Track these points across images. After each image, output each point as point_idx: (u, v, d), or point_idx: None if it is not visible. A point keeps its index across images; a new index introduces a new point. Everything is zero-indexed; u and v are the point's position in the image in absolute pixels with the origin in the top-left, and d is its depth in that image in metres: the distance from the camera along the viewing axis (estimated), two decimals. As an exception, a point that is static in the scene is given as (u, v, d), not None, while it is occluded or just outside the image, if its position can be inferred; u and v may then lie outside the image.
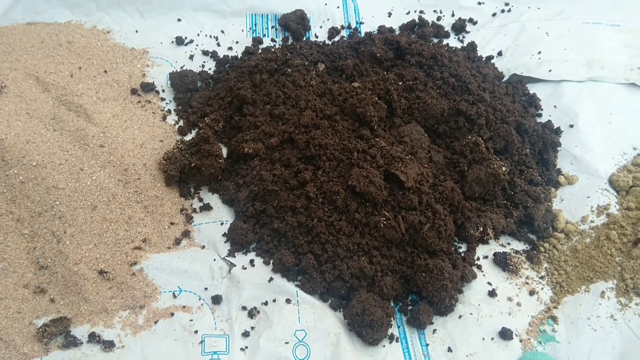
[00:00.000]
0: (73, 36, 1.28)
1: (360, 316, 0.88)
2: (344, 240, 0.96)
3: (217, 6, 1.40)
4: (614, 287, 0.96)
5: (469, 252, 1.01)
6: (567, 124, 1.21)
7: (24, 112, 1.07)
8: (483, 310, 0.93)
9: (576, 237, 1.03)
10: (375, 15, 1.45)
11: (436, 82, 1.18)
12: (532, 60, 1.32)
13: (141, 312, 0.92)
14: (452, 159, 1.10)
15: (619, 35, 1.38)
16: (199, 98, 1.21)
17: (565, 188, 1.12)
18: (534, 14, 1.44)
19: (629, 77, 1.29)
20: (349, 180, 0.98)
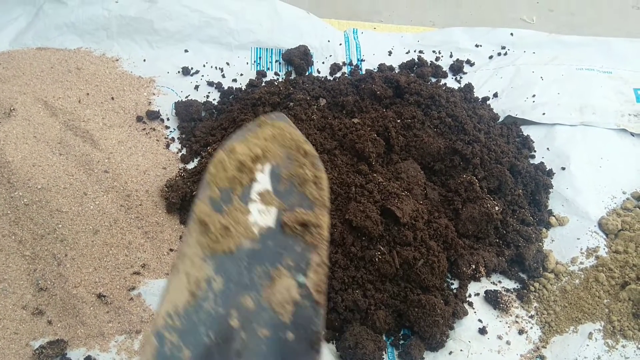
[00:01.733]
0: (82, 63, 1.31)
1: (353, 349, 0.90)
2: (340, 273, 0.98)
3: (224, 39, 1.44)
4: (601, 328, 0.98)
5: (461, 289, 1.03)
6: (559, 167, 1.24)
7: (32, 135, 1.10)
8: (473, 347, 0.95)
9: (566, 278, 1.06)
10: (376, 54, 1.49)
11: (433, 121, 1.22)
12: (526, 103, 1.36)
13: (137, 337, 0.94)
14: (447, 197, 1.13)
15: (611, 82, 1.42)
16: (203, 128, 1.24)
17: (556, 229, 1.15)
18: (529, 58, 1.49)
19: (619, 122, 1.33)
20: (346, 214, 1.01)
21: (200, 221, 0.65)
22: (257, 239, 0.67)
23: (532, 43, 1.53)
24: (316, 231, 0.69)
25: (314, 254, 0.67)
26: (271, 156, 0.73)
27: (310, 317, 0.63)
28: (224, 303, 0.62)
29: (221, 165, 0.69)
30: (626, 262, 1.05)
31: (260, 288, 0.64)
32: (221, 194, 0.68)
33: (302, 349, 0.62)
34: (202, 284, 0.62)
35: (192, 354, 0.57)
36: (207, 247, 0.65)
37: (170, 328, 0.58)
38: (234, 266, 0.65)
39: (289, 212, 0.69)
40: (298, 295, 0.64)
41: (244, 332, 0.61)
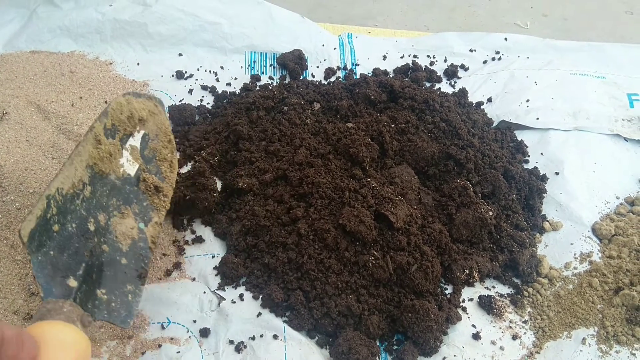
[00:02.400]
0: (76, 66, 1.31)
1: (346, 354, 0.89)
2: (333, 278, 0.98)
3: (218, 43, 1.44)
4: (595, 334, 0.98)
5: (455, 294, 1.03)
6: (553, 171, 1.24)
7: (24, 139, 1.09)
8: (467, 353, 0.95)
9: (559, 283, 1.06)
10: (370, 58, 1.50)
11: (427, 125, 1.22)
12: (520, 108, 1.36)
13: (129, 343, 0.93)
14: (441, 202, 1.13)
15: (604, 87, 1.43)
16: (196, 132, 1.23)
17: (549, 234, 1.15)
18: (523, 63, 1.49)
19: (613, 128, 1.34)
20: (340, 219, 1.00)
21: (96, 137, 0.82)
22: (120, 178, 0.86)
23: (526, 48, 1.54)
24: (163, 198, 0.93)
25: (155, 214, 0.91)
26: (147, 125, 0.94)
27: (142, 255, 0.85)
28: (86, 208, 0.78)
29: (120, 107, 0.87)
30: (620, 268, 1.05)
31: (111, 215, 0.83)
32: (111, 128, 0.86)
33: (131, 274, 0.82)
34: (79, 184, 0.78)
35: (59, 230, 0.73)
36: (92, 159, 0.81)
37: (55, 201, 0.73)
38: (100, 187, 0.82)
39: (148, 173, 0.91)
40: (137, 236, 0.85)
41: (96, 237, 0.78)
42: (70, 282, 0.72)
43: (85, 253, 0.76)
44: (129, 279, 0.81)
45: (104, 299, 0.75)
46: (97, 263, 0.77)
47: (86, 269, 0.75)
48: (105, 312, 0.75)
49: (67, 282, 0.71)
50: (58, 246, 0.72)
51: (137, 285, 0.82)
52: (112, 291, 0.77)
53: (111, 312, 0.76)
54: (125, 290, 0.80)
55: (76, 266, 0.74)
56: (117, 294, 0.78)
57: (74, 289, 0.71)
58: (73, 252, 0.74)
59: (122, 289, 0.79)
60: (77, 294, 0.71)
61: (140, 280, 0.82)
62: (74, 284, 0.72)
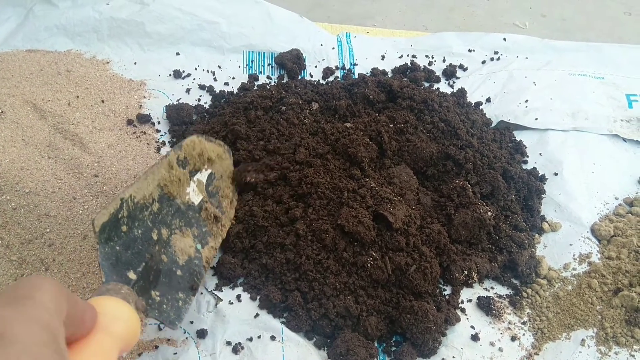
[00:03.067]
0: (72, 65, 1.30)
1: (344, 356, 0.89)
2: (331, 278, 0.97)
3: (216, 42, 1.43)
4: (594, 335, 0.98)
5: (454, 295, 1.03)
6: (551, 172, 1.24)
7: (20, 138, 1.08)
8: (465, 354, 0.94)
9: (558, 284, 1.05)
10: (369, 58, 1.49)
11: (426, 126, 1.21)
12: (519, 108, 1.36)
13: (126, 344, 0.92)
14: (440, 202, 1.13)
15: (603, 88, 1.42)
16: (194, 131, 1.22)
17: (548, 235, 1.15)
18: (522, 63, 1.49)
19: (611, 128, 1.33)
20: (338, 219, 1.00)
21: (170, 164, 0.91)
22: (185, 203, 0.95)
23: (525, 48, 1.54)
24: (221, 227, 1.01)
25: (212, 239, 0.98)
26: (215, 167, 1.04)
27: (196, 272, 0.91)
28: (152, 220, 0.85)
29: (193, 144, 0.97)
30: (619, 269, 1.05)
31: (173, 232, 0.90)
32: (183, 160, 0.95)
33: (184, 284, 0.88)
34: (149, 198, 0.85)
35: (127, 231, 0.79)
36: (163, 180, 0.89)
37: (127, 205, 0.80)
38: (167, 206, 0.90)
39: (210, 204, 1.00)
40: (193, 254, 0.92)
41: (157, 246, 0.85)
42: (130, 274, 0.78)
43: (146, 255, 0.82)
44: (181, 288, 0.87)
45: (157, 300, 0.81)
46: (155, 268, 0.83)
47: (145, 268, 0.81)
48: (157, 311, 0.80)
49: (127, 274, 0.77)
50: (123, 244, 0.79)
51: (188, 295, 0.88)
52: (165, 295, 0.83)
53: (162, 312, 0.82)
54: (177, 297, 0.86)
55: (137, 263, 0.80)
56: (169, 299, 0.84)
57: (132, 281, 0.77)
58: (136, 252, 0.81)
59: (174, 295, 0.85)
60: (134, 285, 0.78)
61: (191, 292, 0.89)
62: (133, 276, 0.78)
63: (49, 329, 0.39)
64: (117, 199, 0.79)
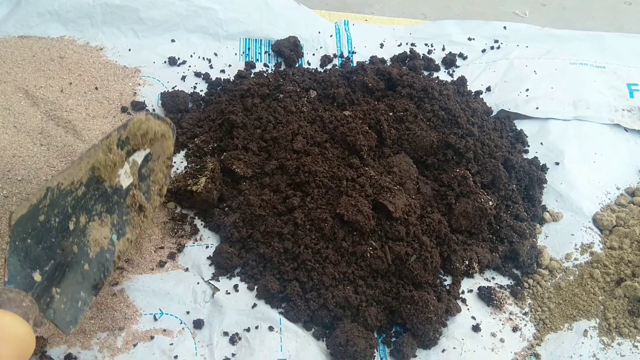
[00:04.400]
0: (65, 52, 1.27)
1: (344, 347, 0.87)
2: (330, 268, 0.95)
3: (212, 29, 1.41)
4: (596, 326, 0.97)
5: (454, 286, 1.01)
6: (553, 161, 1.23)
7: (12, 125, 1.06)
8: (467, 345, 0.93)
9: (560, 274, 1.04)
10: (367, 46, 1.47)
11: (426, 114, 1.19)
12: (519, 97, 1.34)
13: (120, 334, 0.90)
14: (440, 191, 1.11)
15: (604, 77, 1.41)
16: (190, 119, 1.20)
17: (550, 225, 1.13)
18: (523, 52, 1.47)
19: (613, 118, 1.32)
20: (337, 208, 0.98)
21: (109, 145, 0.84)
22: (113, 187, 0.88)
23: (525, 37, 1.52)
24: (143, 218, 0.95)
25: (130, 230, 0.92)
26: (154, 146, 0.96)
27: (104, 267, 0.86)
28: (73, 206, 0.79)
29: (139, 124, 0.90)
30: (621, 259, 1.03)
31: (92, 218, 0.84)
32: (125, 140, 0.88)
33: (88, 281, 0.82)
34: (77, 183, 0.79)
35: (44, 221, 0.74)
36: (98, 163, 0.83)
37: (52, 193, 0.74)
38: (93, 190, 0.84)
39: (138, 190, 0.93)
40: (106, 246, 0.86)
41: (72, 237, 0.79)
42: (35, 275, 0.72)
43: (57, 250, 0.77)
44: (84, 287, 0.82)
45: (56, 298, 0.76)
46: (64, 262, 0.78)
47: (53, 266, 0.76)
48: (53, 312, 0.75)
49: (32, 275, 0.72)
50: (37, 236, 0.73)
51: (89, 294, 0.82)
52: (65, 293, 0.78)
53: (58, 313, 0.76)
54: (77, 296, 0.80)
55: (45, 261, 0.75)
56: (69, 297, 0.78)
57: (36, 284, 0.72)
58: (47, 246, 0.75)
59: (75, 294, 0.80)
60: (37, 288, 0.72)
61: (93, 291, 0.83)
62: (39, 278, 0.73)
63: None
64: (43, 188, 0.73)
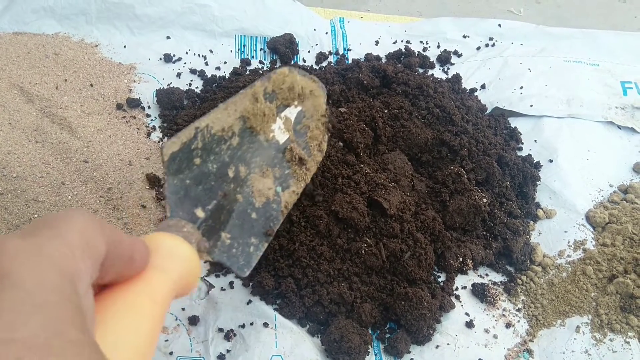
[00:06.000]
0: (60, 48, 1.27)
1: (338, 342, 0.88)
2: (325, 265, 0.96)
3: (207, 26, 1.40)
4: (589, 322, 0.98)
5: (448, 282, 1.02)
6: (546, 159, 1.23)
7: (7, 122, 1.06)
8: (460, 341, 0.94)
9: (553, 271, 1.05)
10: (362, 43, 1.47)
11: (421, 111, 1.20)
12: (514, 95, 1.35)
13: (116, 331, 0.91)
14: (434, 189, 1.12)
15: (598, 75, 1.42)
16: (185, 116, 1.20)
17: (543, 222, 1.14)
18: (517, 50, 1.48)
19: (606, 115, 1.33)
20: (332, 205, 0.98)
21: (254, 95, 0.82)
22: (269, 140, 0.86)
23: (520, 35, 1.52)
24: (305, 171, 0.92)
25: (294, 183, 0.89)
26: (305, 104, 0.93)
27: (273, 216, 0.83)
28: (230, 156, 0.77)
29: (282, 76, 0.87)
30: (614, 255, 1.04)
31: (252, 170, 0.81)
32: (271, 93, 0.85)
33: (258, 229, 0.80)
34: (228, 131, 0.77)
35: (200, 164, 0.72)
36: (247, 112, 0.81)
37: (202, 135, 0.72)
38: (248, 142, 0.82)
39: (296, 145, 0.90)
40: (272, 197, 0.83)
41: (233, 184, 0.77)
42: (198, 212, 0.70)
43: (219, 193, 0.74)
44: (255, 233, 0.79)
45: (227, 243, 0.73)
46: (228, 208, 0.75)
47: (216, 206, 0.73)
48: (225, 255, 0.73)
49: (194, 211, 0.69)
50: (195, 178, 0.71)
51: (261, 240, 0.80)
52: (236, 238, 0.75)
53: (230, 256, 0.74)
54: (249, 241, 0.77)
55: (207, 201, 0.72)
56: (241, 242, 0.76)
57: (200, 219, 0.69)
58: (208, 188, 0.73)
59: (246, 240, 0.77)
60: (202, 224, 0.70)
61: (265, 238, 0.80)
62: (202, 214, 0.70)
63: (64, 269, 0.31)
64: (192, 127, 0.71)
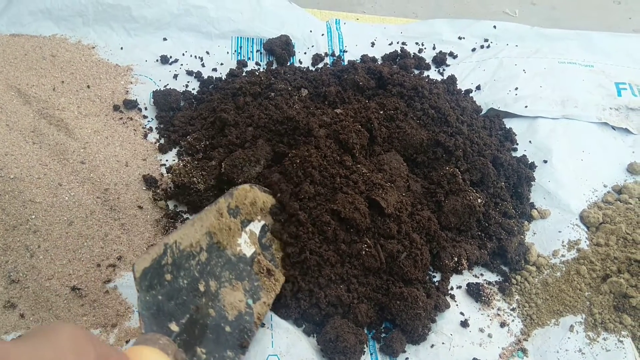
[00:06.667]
0: (57, 50, 1.27)
1: (334, 342, 0.88)
2: (327, 270, 0.96)
3: (204, 28, 1.41)
4: (582, 321, 0.98)
5: (443, 282, 1.03)
6: (541, 159, 1.24)
7: (4, 123, 1.06)
8: (455, 340, 0.94)
9: (547, 271, 1.05)
10: (358, 45, 1.48)
11: (416, 112, 1.21)
12: (509, 96, 1.36)
13: (113, 331, 0.91)
14: (430, 189, 1.12)
15: (592, 76, 1.42)
16: (182, 117, 1.21)
17: (537, 222, 1.15)
18: (512, 51, 1.49)
19: (600, 116, 1.34)
20: (333, 205, 0.98)
21: (219, 211, 0.86)
22: (236, 255, 0.88)
23: (515, 36, 1.53)
24: (274, 282, 0.92)
25: (265, 294, 0.90)
26: (268, 218, 0.97)
27: (246, 328, 0.84)
28: (200, 271, 0.80)
29: (245, 192, 0.93)
30: (607, 255, 1.05)
31: (222, 285, 0.84)
32: (234, 209, 0.90)
33: (233, 342, 0.81)
34: (197, 246, 0.80)
35: (171, 281, 0.74)
36: (212, 227, 0.84)
37: (171, 251, 0.75)
38: (216, 257, 0.84)
39: (263, 257, 0.92)
40: (244, 309, 0.85)
41: (204, 299, 0.79)
42: (172, 326, 0.73)
43: (191, 307, 0.77)
44: (230, 346, 0.81)
45: (203, 358, 0.76)
46: (202, 322, 0.78)
47: (190, 320, 0.76)
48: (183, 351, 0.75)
49: (168, 325, 0.73)
50: (167, 293, 0.74)
51: (237, 353, 0.82)
52: (211, 352, 0.78)
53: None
54: (225, 355, 0.80)
55: (181, 315, 0.75)
56: (217, 357, 0.78)
57: (175, 333, 0.72)
58: (180, 302, 0.76)
59: (222, 353, 0.79)
60: (177, 338, 0.73)
61: (241, 350, 0.83)
62: (176, 328, 0.73)
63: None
64: (161, 243, 0.74)
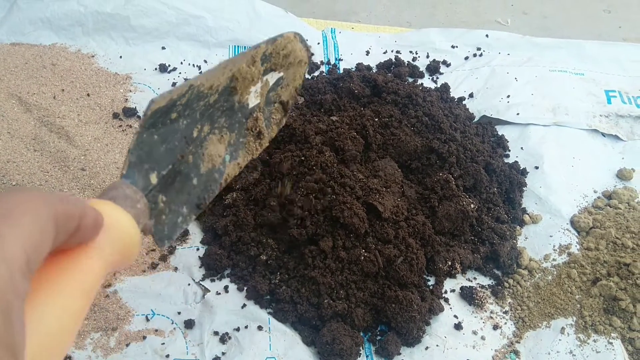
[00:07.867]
0: (57, 59, 1.29)
1: (330, 345, 0.90)
2: (328, 278, 0.97)
3: (201, 37, 1.43)
4: (573, 323, 1.01)
5: (437, 285, 1.05)
6: (532, 166, 1.27)
7: (5, 131, 1.08)
8: (449, 343, 0.96)
9: (539, 274, 1.08)
10: (353, 53, 1.50)
11: (410, 120, 1.23)
12: (501, 103, 1.38)
13: (113, 335, 0.93)
14: (424, 195, 1.14)
15: (583, 84, 1.45)
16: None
17: (529, 227, 1.17)
18: (504, 59, 1.51)
19: (591, 123, 1.36)
20: (332, 210, 1.00)
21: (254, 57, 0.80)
22: (241, 103, 0.83)
23: (507, 45, 1.56)
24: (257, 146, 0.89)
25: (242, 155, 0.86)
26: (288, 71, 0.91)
27: (210, 187, 0.79)
28: (202, 112, 0.74)
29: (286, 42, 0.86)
30: (597, 259, 1.07)
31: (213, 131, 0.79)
32: (268, 56, 0.83)
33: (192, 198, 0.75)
34: (214, 89, 0.75)
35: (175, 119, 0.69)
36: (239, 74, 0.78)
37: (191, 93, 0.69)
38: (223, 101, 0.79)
39: (261, 114, 0.88)
40: (217, 165, 0.80)
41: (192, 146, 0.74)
42: (152, 177, 0.66)
43: (177, 155, 0.71)
44: (188, 202, 0.75)
45: (159, 207, 0.69)
46: (177, 170, 0.72)
47: (169, 172, 0.70)
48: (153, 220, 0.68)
49: (149, 176, 0.66)
50: (164, 134, 0.68)
51: (191, 212, 0.75)
52: (169, 204, 0.71)
53: (157, 223, 0.69)
54: (180, 210, 0.73)
55: (164, 165, 0.69)
56: (171, 210, 0.71)
57: (151, 186, 0.66)
58: (170, 148, 0.70)
59: (178, 208, 0.73)
60: (150, 192, 0.66)
61: (196, 210, 0.76)
62: (154, 180, 0.67)
63: None
64: (186, 84, 0.69)
